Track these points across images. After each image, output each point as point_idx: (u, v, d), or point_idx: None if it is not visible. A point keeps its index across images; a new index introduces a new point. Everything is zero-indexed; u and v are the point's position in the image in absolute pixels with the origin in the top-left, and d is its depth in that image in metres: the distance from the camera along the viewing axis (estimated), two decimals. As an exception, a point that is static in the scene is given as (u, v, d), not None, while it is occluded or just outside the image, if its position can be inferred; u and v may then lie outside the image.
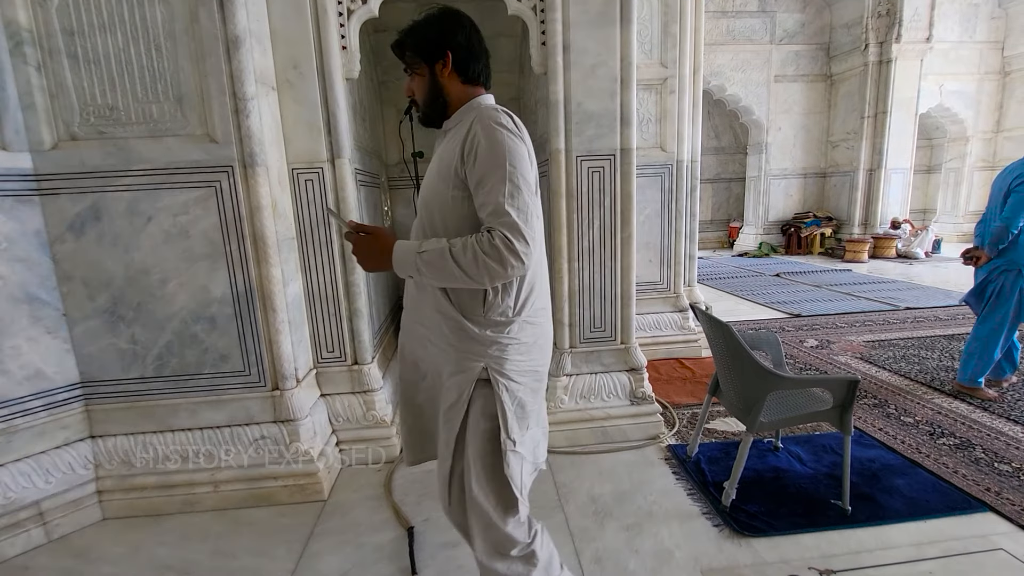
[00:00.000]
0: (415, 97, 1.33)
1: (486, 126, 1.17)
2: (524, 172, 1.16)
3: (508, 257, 1.10)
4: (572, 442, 2.66)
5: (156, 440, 2.25)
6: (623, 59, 2.45)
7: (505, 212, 1.11)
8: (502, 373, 1.24)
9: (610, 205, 2.58)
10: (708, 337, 2.26)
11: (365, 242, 1.23)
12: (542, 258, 1.32)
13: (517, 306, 1.25)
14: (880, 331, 4.69)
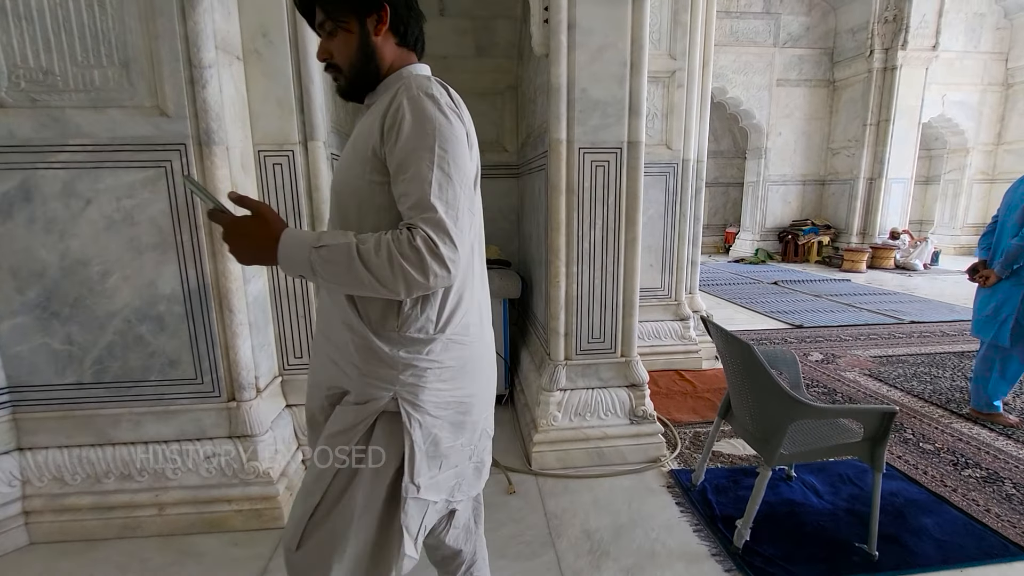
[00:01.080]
0: (335, 61, 1.06)
1: (413, 97, 0.94)
2: (457, 158, 0.93)
3: (431, 263, 0.88)
4: (565, 463, 2.41)
5: (93, 455, 1.97)
6: (634, 41, 2.20)
7: (430, 206, 0.89)
8: (416, 404, 1.01)
9: (614, 204, 2.33)
10: (722, 355, 2.02)
11: (241, 226, 0.94)
12: (476, 265, 1.10)
13: (441, 321, 1.02)
14: (886, 346, 4.49)
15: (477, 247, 1.09)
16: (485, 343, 1.14)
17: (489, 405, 1.17)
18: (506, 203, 3.59)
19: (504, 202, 3.59)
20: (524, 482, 2.32)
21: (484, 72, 3.37)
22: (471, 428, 1.10)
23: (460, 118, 0.97)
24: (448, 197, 0.90)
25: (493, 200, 3.58)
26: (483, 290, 1.14)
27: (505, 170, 3.54)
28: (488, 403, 1.16)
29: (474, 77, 3.37)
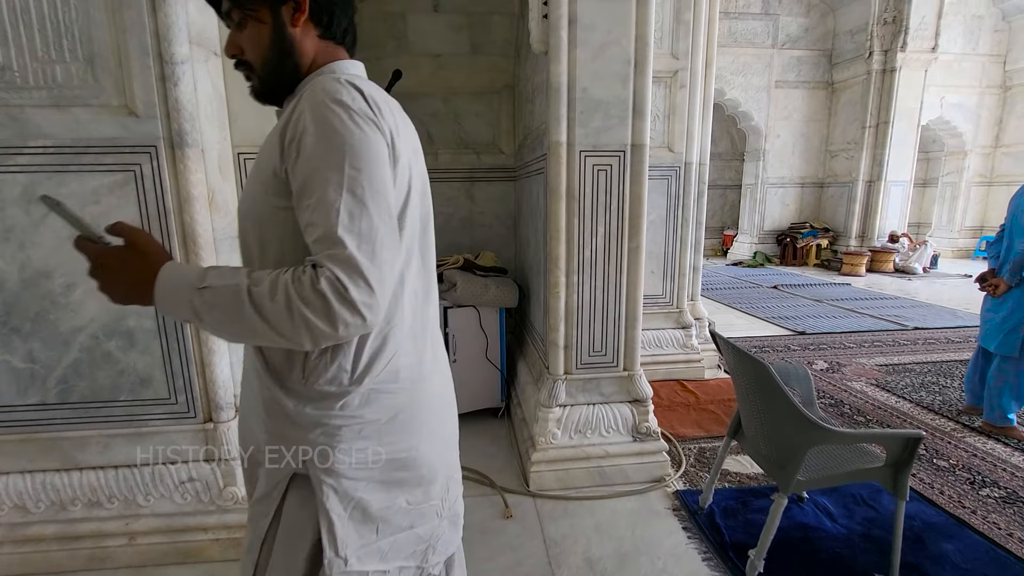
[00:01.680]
0: (245, 57, 0.89)
1: (317, 104, 0.77)
2: (374, 178, 0.76)
3: (339, 310, 0.72)
4: (565, 484, 2.28)
5: (59, 480, 1.83)
6: (638, 38, 2.08)
7: (338, 240, 0.73)
8: (329, 469, 0.85)
9: (617, 209, 2.21)
10: (733, 373, 1.90)
11: (110, 258, 0.77)
12: (405, 298, 0.92)
13: (358, 369, 0.85)
14: (892, 353, 4.38)
15: (415, 270, 0.93)
16: (431, 384, 0.96)
17: (448, 451, 1.03)
18: (502, 208, 3.47)
19: (500, 207, 3.46)
20: (521, 504, 2.19)
21: (480, 71, 3.24)
22: (419, 484, 0.93)
23: (380, 127, 0.79)
24: (361, 228, 0.74)
25: (489, 204, 3.45)
26: (422, 322, 0.96)
27: (501, 173, 3.42)
28: (444, 450, 1.01)
29: (469, 76, 3.24)
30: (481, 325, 2.82)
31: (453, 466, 1.05)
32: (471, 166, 3.37)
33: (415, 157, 0.90)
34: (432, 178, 3.20)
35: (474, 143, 3.37)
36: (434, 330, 1.00)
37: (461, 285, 2.73)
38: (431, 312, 0.98)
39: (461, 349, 2.82)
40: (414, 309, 0.93)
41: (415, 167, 0.89)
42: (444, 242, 3.44)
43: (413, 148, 0.90)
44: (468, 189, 3.41)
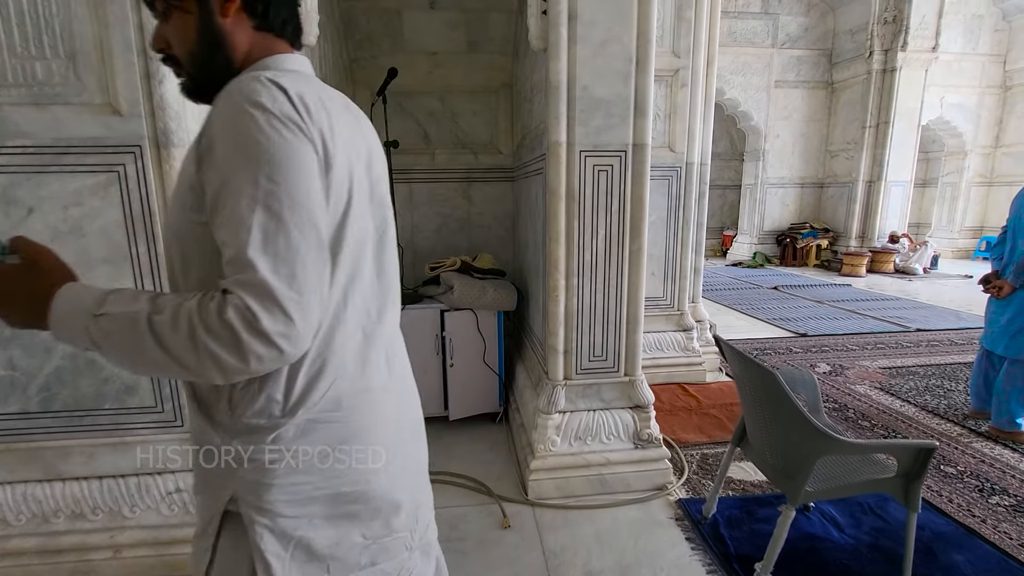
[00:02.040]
0: (172, 51, 0.80)
1: (232, 107, 0.69)
2: (296, 191, 0.67)
3: (249, 342, 0.63)
4: (564, 492, 2.22)
5: (40, 492, 1.76)
6: (640, 35, 2.03)
7: (248, 263, 0.64)
8: (262, 508, 0.76)
9: (618, 211, 2.15)
10: (738, 380, 1.85)
11: (6, 276, 0.70)
12: (348, 313, 0.81)
13: (292, 398, 0.76)
14: (895, 356, 4.33)
15: (365, 287, 0.83)
16: (384, 409, 0.86)
17: (413, 478, 0.93)
18: (500, 209, 3.41)
19: (498, 208, 3.40)
20: (520, 514, 2.13)
21: (477, 69, 3.18)
22: (377, 516, 0.84)
23: (306, 132, 0.70)
24: (279, 248, 0.65)
25: (487, 205, 3.39)
26: (375, 342, 0.85)
27: (499, 173, 3.36)
28: (407, 478, 0.91)
29: (466, 74, 3.18)
30: (479, 329, 2.76)
31: (422, 492, 0.97)
32: (468, 166, 3.31)
33: (360, 161, 0.80)
34: (429, 178, 3.14)
35: (472, 143, 3.31)
36: (392, 349, 0.91)
37: (458, 288, 2.67)
38: (387, 330, 0.89)
39: (458, 353, 2.76)
40: (364, 329, 0.83)
41: (358, 172, 0.79)
42: (441, 244, 3.39)
43: (359, 151, 0.80)
44: (465, 190, 3.35)
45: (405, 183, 3.24)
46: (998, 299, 2.89)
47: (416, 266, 3.24)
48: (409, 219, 3.33)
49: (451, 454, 2.61)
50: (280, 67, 0.79)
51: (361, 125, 0.84)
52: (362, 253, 0.81)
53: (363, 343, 0.83)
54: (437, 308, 2.74)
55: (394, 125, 3.10)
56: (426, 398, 2.83)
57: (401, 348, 0.97)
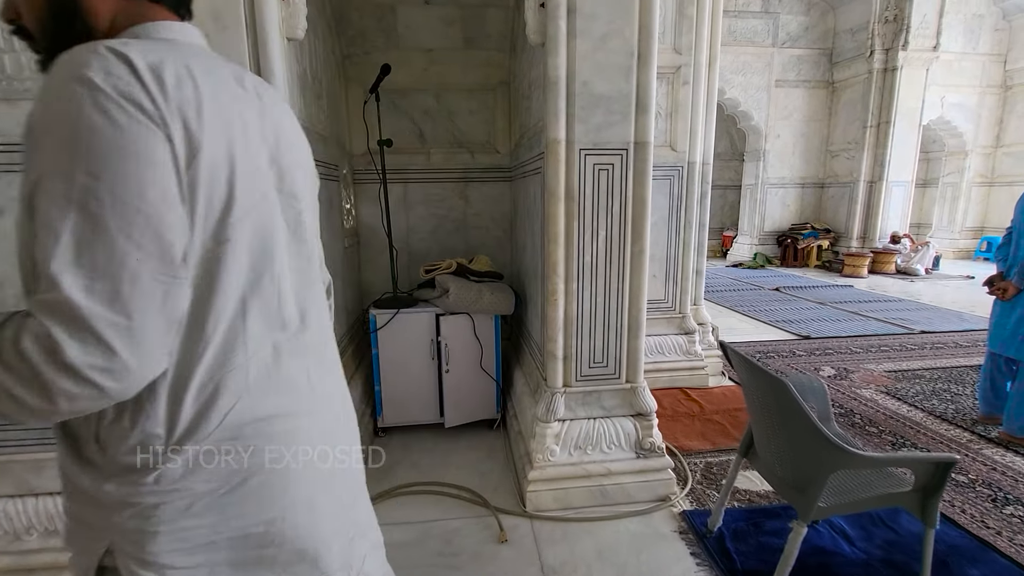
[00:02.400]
0: (22, 21, 0.67)
1: (55, 83, 0.57)
2: (125, 187, 0.55)
3: (53, 379, 0.52)
4: (564, 504, 2.14)
5: (12, 507, 1.68)
6: (642, 28, 1.95)
7: (52, 279, 0.52)
8: (145, 561, 0.64)
9: (619, 212, 2.07)
10: (745, 388, 1.76)
11: None
12: (296, 318, 0.76)
13: (177, 430, 0.64)
14: (900, 359, 4.25)
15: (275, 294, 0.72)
16: (303, 434, 0.75)
17: (343, 510, 0.83)
18: (498, 210, 3.32)
19: (496, 208, 3.32)
20: (518, 527, 2.05)
21: (473, 66, 3.10)
22: (300, 559, 0.73)
23: (149, 113, 0.57)
24: (96, 260, 0.53)
25: (484, 206, 3.31)
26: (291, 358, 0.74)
27: (497, 173, 3.27)
28: (335, 511, 0.80)
29: (462, 72, 3.10)
30: (475, 333, 2.68)
31: (357, 524, 0.87)
32: (465, 166, 3.23)
33: (257, 147, 0.70)
34: (424, 179, 3.04)
35: (468, 142, 3.23)
36: (316, 363, 0.79)
37: (454, 291, 2.59)
38: (311, 341, 0.78)
39: (454, 359, 2.68)
40: (275, 342, 0.72)
41: (252, 161, 0.67)
42: (437, 246, 3.30)
43: (254, 136, 0.69)
44: (462, 190, 3.26)
45: (400, 183, 3.16)
46: (1003, 301, 2.83)
47: (411, 269, 3.16)
48: (404, 220, 3.25)
49: (447, 463, 2.52)
50: (152, 36, 0.67)
51: (264, 105, 0.73)
52: (265, 254, 0.70)
53: (274, 358, 0.72)
54: (432, 312, 2.66)
55: (388, 124, 3.02)
56: (421, 405, 2.77)
57: (332, 362, 0.86)
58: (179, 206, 0.60)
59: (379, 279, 3.17)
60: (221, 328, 0.65)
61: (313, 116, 2.34)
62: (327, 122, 2.59)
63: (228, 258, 0.65)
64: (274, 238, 0.72)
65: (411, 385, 2.72)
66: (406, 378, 2.70)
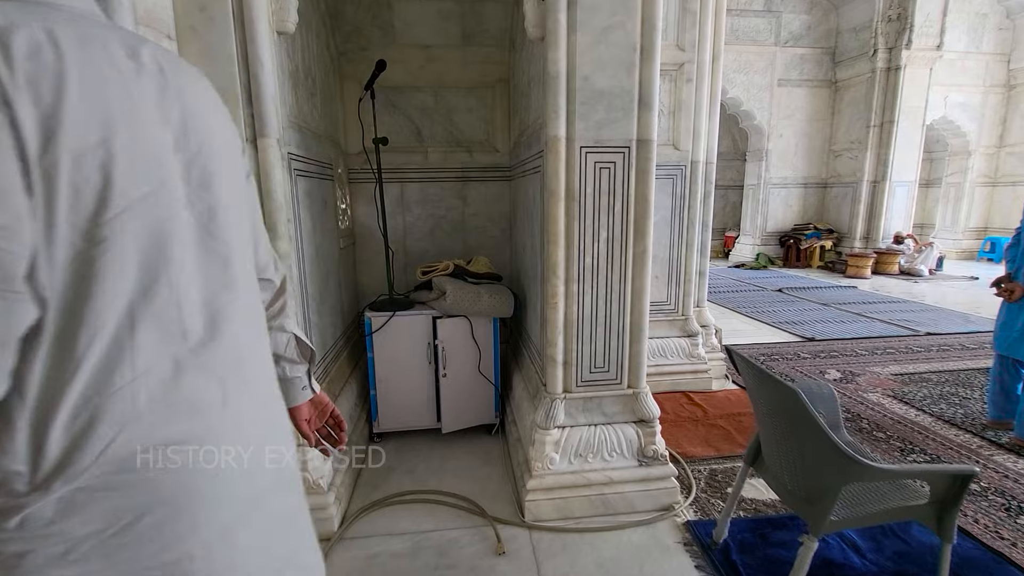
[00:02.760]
0: None
1: None
2: None
3: None
4: (564, 513, 2.07)
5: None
6: (645, 21, 1.88)
7: None
8: None
9: (621, 211, 2.00)
10: (752, 395, 1.70)
11: None
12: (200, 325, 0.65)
13: (44, 466, 0.54)
14: (906, 361, 4.18)
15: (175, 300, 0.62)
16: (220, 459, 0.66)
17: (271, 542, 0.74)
18: (496, 209, 3.26)
19: (495, 208, 3.25)
20: (516, 538, 1.98)
21: (472, 63, 3.03)
22: None
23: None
24: None
25: (483, 206, 3.24)
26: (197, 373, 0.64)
27: (496, 172, 3.21)
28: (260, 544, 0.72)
29: (461, 69, 3.03)
30: (473, 336, 2.61)
31: (288, 558, 0.78)
32: (463, 165, 3.16)
33: (154, 132, 0.61)
34: (421, 178, 2.96)
35: (467, 140, 3.16)
36: (235, 379, 0.69)
37: (451, 293, 2.52)
38: (223, 354, 0.67)
39: (451, 362, 2.61)
40: (175, 356, 0.62)
41: (127, 146, 0.57)
42: (434, 246, 3.24)
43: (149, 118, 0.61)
44: (460, 190, 3.20)
45: (397, 183, 3.09)
46: (1011, 303, 2.76)
47: (408, 270, 3.09)
48: (401, 221, 3.18)
49: (443, 469, 2.46)
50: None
51: (168, 81, 0.64)
52: (160, 254, 0.60)
53: (174, 377, 0.61)
54: (429, 315, 2.59)
55: (385, 122, 2.96)
56: (418, 410, 2.70)
57: (258, 377, 0.76)
58: (21, 202, 0.49)
59: (376, 281, 3.10)
60: (99, 344, 0.55)
61: (306, 114, 2.27)
62: (321, 120, 2.52)
63: (106, 261, 0.55)
64: (173, 236, 0.62)
65: (407, 389, 2.65)
66: (402, 382, 2.63)
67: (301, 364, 1.01)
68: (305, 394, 1.03)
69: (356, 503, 2.20)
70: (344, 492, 2.15)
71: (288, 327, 0.97)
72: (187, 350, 0.63)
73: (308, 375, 1.03)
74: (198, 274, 0.65)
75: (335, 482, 2.09)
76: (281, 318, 0.96)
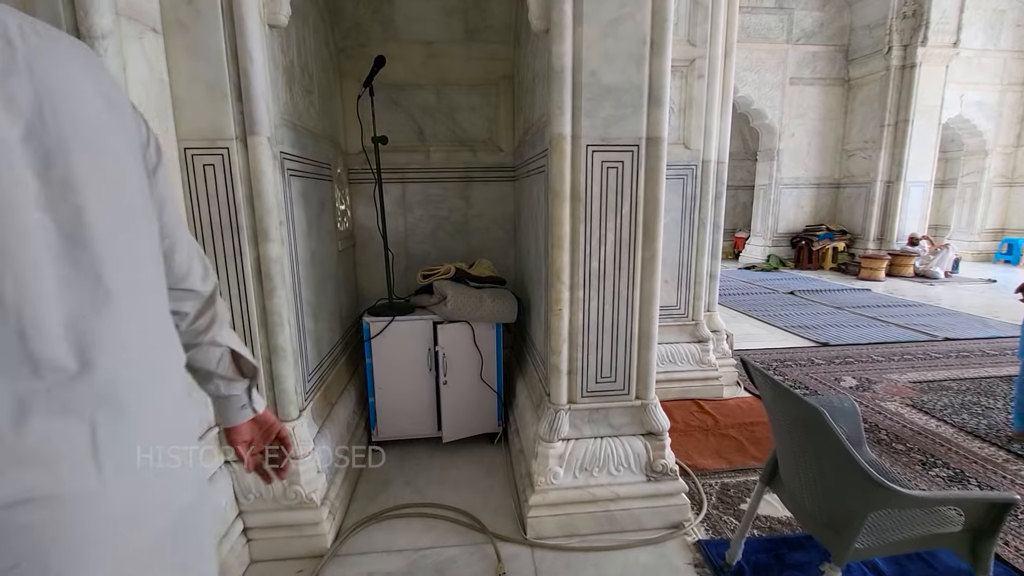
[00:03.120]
0: None
1: None
2: None
3: None
4: (568, 531, 1.97)
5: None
6: (655, 13, 1.78)
7: None
8: None
9: (630, 213, 1.90)
10: (769, 410, 1.59)
11: None
12: None
13: None
14: (924, 368, 4.04)
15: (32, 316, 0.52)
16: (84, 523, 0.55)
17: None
18: (500, 211, 3.16)
19: (498, 209, 3.16)
20: (517, 556, 1.88)
21: (476, 59, 2.94)
22: None
23: None
24: None
25: (486, 207, 3.15)
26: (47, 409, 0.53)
27: (500, 172, 3.11)
28: None
29: (464, 65, 2.94)
30: (475, 342, 2.51)
31: None
32: (467, 165, 3.07)
33: None
34: (423, 178, 2.86)
35: (470, 140, 3.06)
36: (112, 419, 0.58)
37: (452, 298, 2.43)
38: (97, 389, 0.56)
39: (452, 369, 2.52)
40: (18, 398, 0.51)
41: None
42: (436, 249, 3.14)
43: None
44: (463, 190, 3.10)
45: (398, 183, 3.00)
46: None
47: (410, 273, 3.00)
48: (402, 222, 3.09)
49: (444, 480, 2.37)
50: None
51: (19, 58, 0.53)
52: (8, 269, 0.50)
53: (16, 420, 0.50)
54: (430, 320, 2.50)
55: (386, 120, 2.87)
56: (418, 418, 2.61)
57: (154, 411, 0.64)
58: None
59: (376, 284, 3.02)
60: None
61: (302, 111, 2.18)
62: (319, 118, 2.44)
63: None
64: (16, 244, 0.51)
65: (407, 397, 2.56)
66: (402, 389, 2.54)
67: (239, 381, 0.91)
68: (244, 413, 0.93)
69: (353, 516, 2.12)
70: (339, 505, 2.07)
71: (221, 340, 0.87)
72: (40, 387, 0.52)
73: (249, 392, 0.93)
74: (60, 293, 0.54)
75: (329, 495, 2.00)
76: (212, 331, 0.86)
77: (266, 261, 1.77)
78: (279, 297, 1.80)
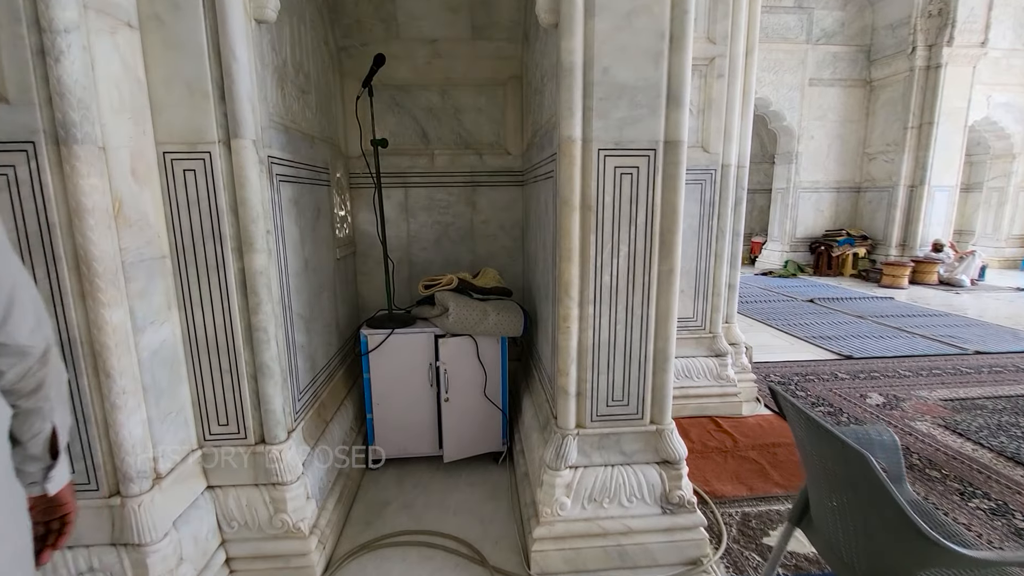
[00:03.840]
0: None
1: None
2: None
3: None
4: (575, 566, 1.82)
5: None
6: (675, 5, 1.62)
7: None
8: None
9: (645, 224, 1.74)
10: (801, 446, 1.42)
11: None
12: None
13: None
14: (955, 384, 3.82)
15: None
16: None
17: None
18: (508, 217, 3.02)
19: (506, 215, 3.02)
20: (520, 595, 1.74)
21: (482, 58, 2.80)
22: None
23: None
24: None
25: (493, 213, 3.01)
26: None
27: (507, 177, 2.97)
28: None
29: (469, 65, 2.80)
30: (479, 357, 2.37)
31: None
32: (473, 169, 2.94)
33: None
34: (428, 183, 2.71)
35: (476, 143, 2.93)
36: None
37: (454, 311, 2.29)
38: None
39: (455, 386, 2.38)
40: None
41: None
42: (441, 257, 3.01)
43: None
44: (469, 195, 2.97)
45: (400, 187, 2.88)
46: None
47: (412, 282, 2.87)
48: (405, 228, 2.96)
49: (444, 504, 2.23)
50: None
51: None
52: None
53: None
54: (431, 333, 2.36)
55: (388, 122, 2.75)
56: (418, 436, 2.46)
57: None
58: None
59: (378, 294, 2.89)
60: None
61: (296, 113, 2.06)
62: (315, 120, 2.31)
63: None
64: None
65: (406, 414, 2.43)
66: (401, 406, 2.41)
67: (40, 461, 0.83)
68: (32, 489, 0.84)
69: (346, 542, 1.99)
70: (330, 533, 1.93)
71: (48, 414, 0.80)
72: None
73: (45, 473, 0.84)
74: None
75: (319, 523, 1.87)
76: (36, 398, 0.78)
77: (251, 273, 1.65)
78: (265, 312, 1.67)
